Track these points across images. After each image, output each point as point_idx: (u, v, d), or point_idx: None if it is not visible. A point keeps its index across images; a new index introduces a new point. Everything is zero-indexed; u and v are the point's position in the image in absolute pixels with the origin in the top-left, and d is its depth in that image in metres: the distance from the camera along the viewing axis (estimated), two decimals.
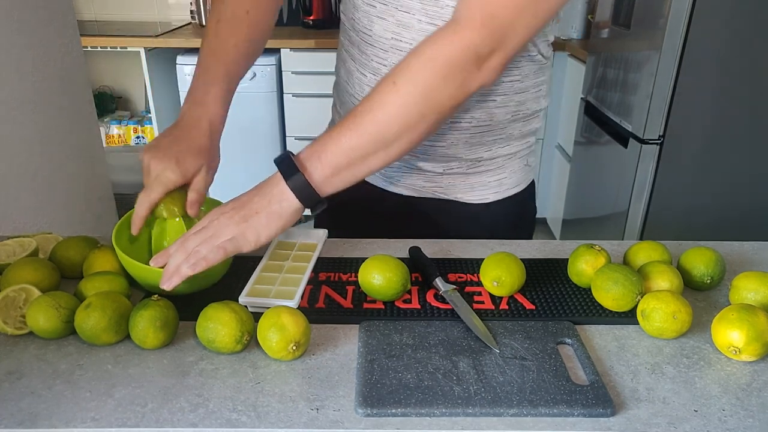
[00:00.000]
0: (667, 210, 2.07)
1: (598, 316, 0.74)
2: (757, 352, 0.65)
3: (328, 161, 0.71)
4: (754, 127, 1.95)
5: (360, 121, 0.71)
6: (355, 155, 0.72)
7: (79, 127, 1.38)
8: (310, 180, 0.71)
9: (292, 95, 2.82)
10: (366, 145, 0.72)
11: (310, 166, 0.71)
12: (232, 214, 0.72)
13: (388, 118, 0.71)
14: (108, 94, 3.24)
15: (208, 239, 0.71)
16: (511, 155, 0.98)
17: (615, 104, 2.21)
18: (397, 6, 0.83)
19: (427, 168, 0.96)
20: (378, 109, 0.71)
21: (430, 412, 0.59)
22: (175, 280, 0.70)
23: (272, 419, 0.58)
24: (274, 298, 0.73)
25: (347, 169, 0.72)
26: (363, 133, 0.71)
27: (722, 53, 1.85)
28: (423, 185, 0.99)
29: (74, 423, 0.58)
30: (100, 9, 3.19)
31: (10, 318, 0.70)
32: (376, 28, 0.86)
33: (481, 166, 0.96)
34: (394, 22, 0.84)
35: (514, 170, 0.99)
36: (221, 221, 0.72)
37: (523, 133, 0.97)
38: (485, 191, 0.99)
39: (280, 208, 0.72)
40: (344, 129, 0.72)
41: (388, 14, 0.84)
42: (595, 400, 0.60)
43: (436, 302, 0.77)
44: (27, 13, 1.19)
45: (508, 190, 1.00)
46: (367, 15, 0.87)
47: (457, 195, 0.99)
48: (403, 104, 0.71)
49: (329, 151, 0.72)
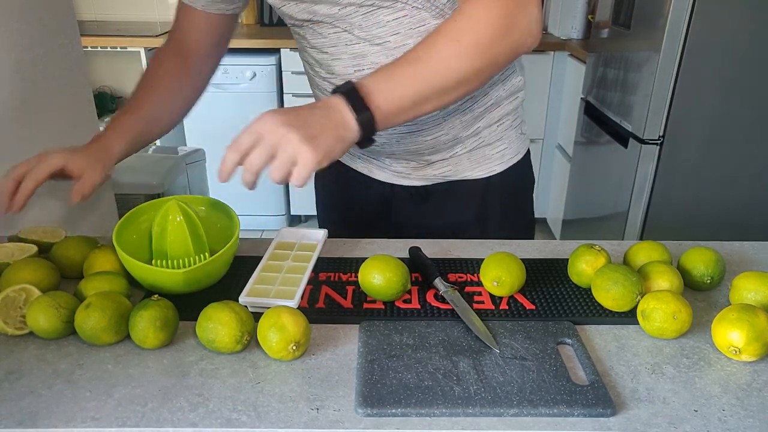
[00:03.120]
0: (667, 210, 2.07)
1: (598, 316, 0.74)
2: (757, 352, 0.65)
3: (392, 104, 0.73)
4: (754, 127, 1.95)
5: (423, 71, 0.75)
6: (414, 101, 0.75)
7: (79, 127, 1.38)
8: (374, 118, 0.73)
9: (292, 95, 2.82)
10: (426, 94, 0.76)
11: (374, 105, 0.72)
12: (294, 126, 0.68)
13: (449, 71, 0.76)
14: (108, 94, 3.23)
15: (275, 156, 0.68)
16: (506, 116, 1.01)
17: (615, 104, 2.21)
18: (346, 42, 0.88)
19: (435, 159, 1.00)
20: (442, 61, 0.75)
21: (430, 412, 0.59)
22: (249, 174, 0.68)
23: (272, 419, 0.58)
24: (274, 298, 0.73)
25: (405, 113, 0.76)
26: (425, 83, 0.75)
27: (722, 53, 1.85)
28: (433, 174, 1.02)
29: (74, 423, 0.58)
30: (100, 9, 3.19)
31: (10, 318, 0.70)
32: (337, 69, 0.92)
33: (482, 140, 1.00)
34: (349, 58, 0.89)
35: (511, 140, 1.03)
36: (282, 134, 0.67)
37: (509, 91, 1.00)
38: (491, 164, 1.02)
39: (345, 135, 0.72)
40: (408, 76, 0.75)
41: (340, 53, 0.90)
42: (595, 400, 0.60)
43: (436, 302, 0.77)
44: (27, 13, 1.19)
45: (510, 159, 1.04)
46: (325, 62, 0.92)
47: (465, 174, 1.02)
48: (465, 59, 0.76)
49: (395, 95, 0.74)
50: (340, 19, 0.86)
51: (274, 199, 3.06)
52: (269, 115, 0.69)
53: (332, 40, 0.89)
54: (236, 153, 0.68)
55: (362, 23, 0.86)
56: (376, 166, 1.04)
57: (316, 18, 0.88)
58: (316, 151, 0.68)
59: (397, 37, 0.86)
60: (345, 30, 0.88)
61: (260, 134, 0.68)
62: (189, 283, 0.75)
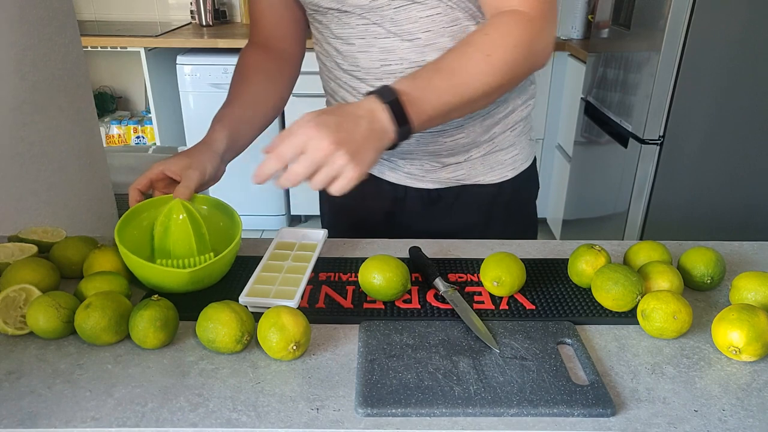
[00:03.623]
0: (667, 210, 2.07)
1: (598, 316, 0.74)
2: (757, 352, 0.65)
3: (425, 114, 0.75)
4: (754, 127, 1.94)
5: (456, 83, 0.77)
6: (444, 112, 0.78)
7: (79, 127, 1.38)
8: (411, 129, 0.74)
9: (293, 95, 2.82)
10: (455, 104, 0.78)
11: (413, 116, 0.73)
12: (338, 141, 0.67)
13: (478, 84, 0.78)
14: (108, 94, 3.24)
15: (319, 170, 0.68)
16: (519, 122, 1.03)
17: (615, 104, 2.21)
18: (375, 35, 0.89)
19: (450, 162, 1.01)
20: (474, 72, 0.78)
21: (431, 412, 0.59)
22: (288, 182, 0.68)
23: (272, 419, 0.58)
24: (275, 298, 0.73)
25: (433, 121, 0.78)
26: (456, 95, 0.77)
27: (722, 53, 1.85)
28: (447, 177, 1.03)
29: (74, 422, 0.58)
30: (100, 9, 3.19)
31: (10, 318, 0.70)
32: (362, 61, 0.92)
33: (496, 145, 1.01)
34: (377, 51, 0.90)
35: (523, 146, 1.06)
36: (329, 152, 0.66)
37: (524, 99, 1.02)
38: (503, 169, 1.04)
39: (383, 144, 0.73)
40: (441, 87, 0.76)
41: (368, 45, 0.90)
42: (595, 400, 0.60)
43: (436, 302, 0.77)
44: (27, 13, 1.19)
45: (521, 165, 1.06)
46: (349, 53, 0.92)
47: (477, 178, 1.03)
48: (494, 74, 0.79)
49: (429, 106, 0.75)
50: (371, 11, 0.86)
51: (274, 199, 3.06)
52: (314, 126, 0.67)
53: (360, 32, 0.89)
54: (279, 161, 0.67)
55: (394, 17, 0.86)
56: (388, 167, 1.04)
57: (344, 8, 0.88)
58: (360, 166, 0.68)
59: (428, 34, 0.86)
60: (375, 23, 0.87)
61: (305, 146, 0.67)
62: (194, 283, 0.75)
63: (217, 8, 3.10)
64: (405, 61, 0.89)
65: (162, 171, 0.86)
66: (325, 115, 0.68)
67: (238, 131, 0.95)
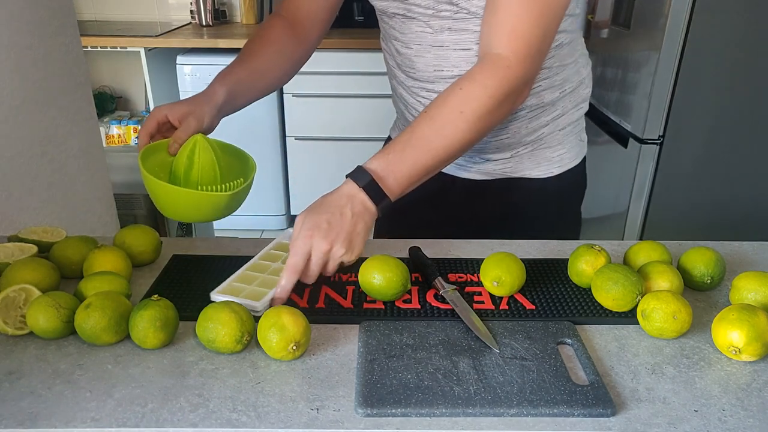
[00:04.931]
0: (667, 210, 2.07)
1: (598, 316, 0.74)
2: (757, 352, 0.65)
3: (403, 183, 0.81)
4: (754, 127, 1.94)
5: (429, 144, 0.82)
6: (423, 171, 0.83)
7: (79, 127, 1.38)
8: (390, 200, 0.81)
9: (292, 95, 2.82)
10: (434, 164, 0.83)
11: (387, 185, 0.80)
12: (333, 239, 0.77)
13: (454, 141, 0.83)
14: (108, 94, 3.23)
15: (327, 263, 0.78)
16: (571, 124, 1.04)
17: (614, 104, 2.21)
18: (431, 43, 0.94)
19: (496, 157, 1.04)
20: (448, 134, 0.82)
21: (430, 412, 0.59)
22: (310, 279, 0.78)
23: (272, 419, 0.58)
24: (244, 298, 0.72)
25: (414, 185, 0.84)
26: (434, 154, 0.82)
27: (722, 53, 1.85)
28: (494, 169, 1.05)
29: (74, 423, 0.58)
30: (100, 9, 3.18)
31: (10, 318, 0.70)
32: (418, 65, 0.97)
33: (544, 143, 1.03)
34: (432, 58, 0.95)
35: (572, 145, 1.07)
36: (328, 253, 0.77)
37: (575, 102, 1.04)
38: (550, 166, 1.05)
39: (370, 221, 0.81)
40: (416, 150, 0.82)
41: (425, 51, 0.95)
42: (595, 400, 0.60)
43: (436, 302, 0.77)
44: (27, 13, 1.19)
45: (569, 163, 1.07)
46: (408, 57, 0.98)
47: (524, 172, 1.05)
48: (469, 130, 0.82)
49: (406, 175, 0.81)
50: (433, 17, 0.90)
51: (274, 199, 3.06)
52: (309, 230, 0.77)
53: (419, 37, 0.94)
54: (296, 274, 0.75)
55: (453, 26, 0.91)
56: None
57: (410, 14, 0.93)
58: (356, 250, 0.79)
59: (479, 46, 0.88)
60: (435, 31, 0.92)
61: (309, 253, 0.76)
62: (229, 208, 0.79)
63: (217, 8, 3.10)
64: (456, 69, 0.93)
65: (165, 115, 0.92)
66: (314, 215, 0.78)
67: (238, 93, 1.00)
